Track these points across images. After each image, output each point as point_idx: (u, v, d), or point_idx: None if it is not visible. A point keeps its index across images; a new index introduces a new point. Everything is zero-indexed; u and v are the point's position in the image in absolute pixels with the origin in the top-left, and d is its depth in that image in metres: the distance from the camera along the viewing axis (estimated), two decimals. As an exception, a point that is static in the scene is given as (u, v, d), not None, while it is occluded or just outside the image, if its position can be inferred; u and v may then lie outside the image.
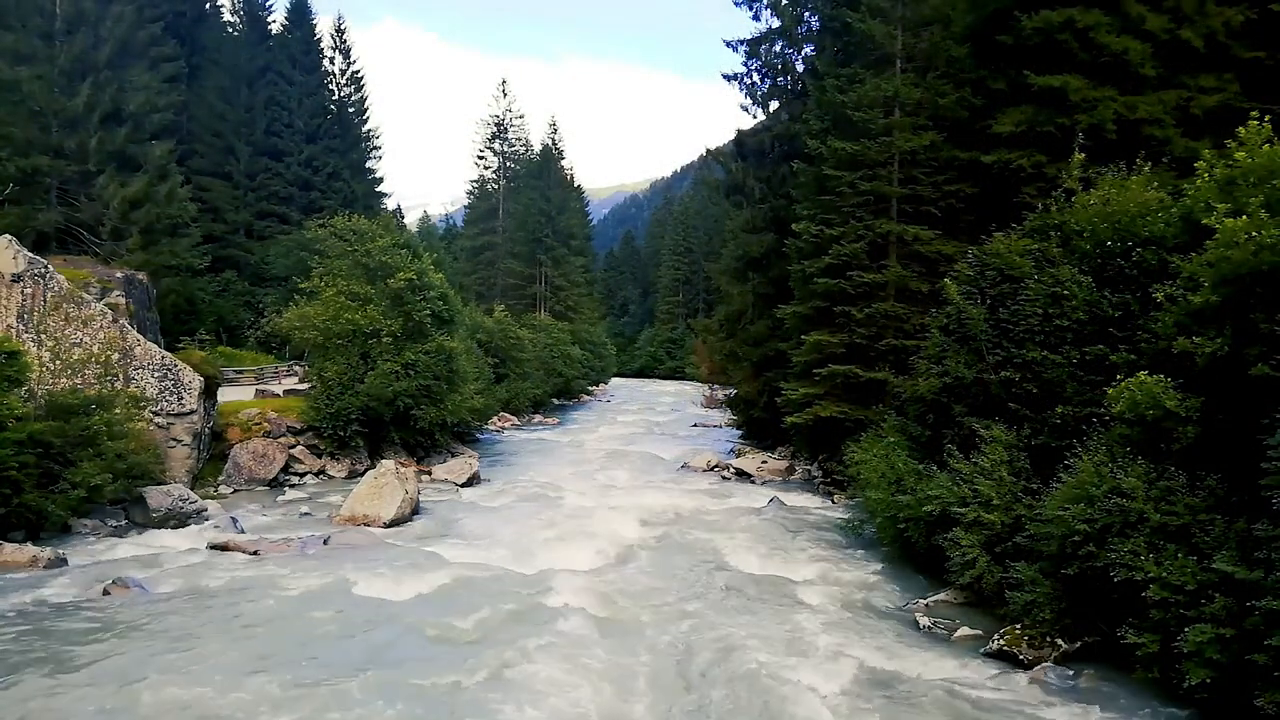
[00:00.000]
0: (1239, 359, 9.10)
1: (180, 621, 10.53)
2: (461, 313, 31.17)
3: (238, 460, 20.66)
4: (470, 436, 31.14)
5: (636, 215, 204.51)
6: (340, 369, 22.89)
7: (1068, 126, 16.47)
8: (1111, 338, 11.53)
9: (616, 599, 12.22)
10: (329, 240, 26.25)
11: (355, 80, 50.88)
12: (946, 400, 14.09)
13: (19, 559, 12.56)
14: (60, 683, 8.58)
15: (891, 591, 13.20)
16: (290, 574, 12.80)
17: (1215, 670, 8.12)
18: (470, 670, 9.35)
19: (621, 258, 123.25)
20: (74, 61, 28.58)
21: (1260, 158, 9.77)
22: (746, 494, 21.88)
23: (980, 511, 11.57)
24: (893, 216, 20.74)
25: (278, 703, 8.31)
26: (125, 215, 28.79)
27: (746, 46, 29.53)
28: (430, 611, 11.39)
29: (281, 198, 45.15)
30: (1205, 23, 16.71)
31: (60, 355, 16.77)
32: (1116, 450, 10.17)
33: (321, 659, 9.50)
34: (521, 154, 70.15)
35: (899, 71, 21.58)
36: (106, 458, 15.11)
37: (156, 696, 8.32)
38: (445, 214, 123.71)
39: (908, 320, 19.75)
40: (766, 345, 27.55)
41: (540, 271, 62.56)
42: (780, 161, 28.84)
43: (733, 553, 15.24)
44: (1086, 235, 12.63)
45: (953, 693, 9.20)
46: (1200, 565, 8.60)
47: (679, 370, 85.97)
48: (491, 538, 15.97)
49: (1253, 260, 8.93)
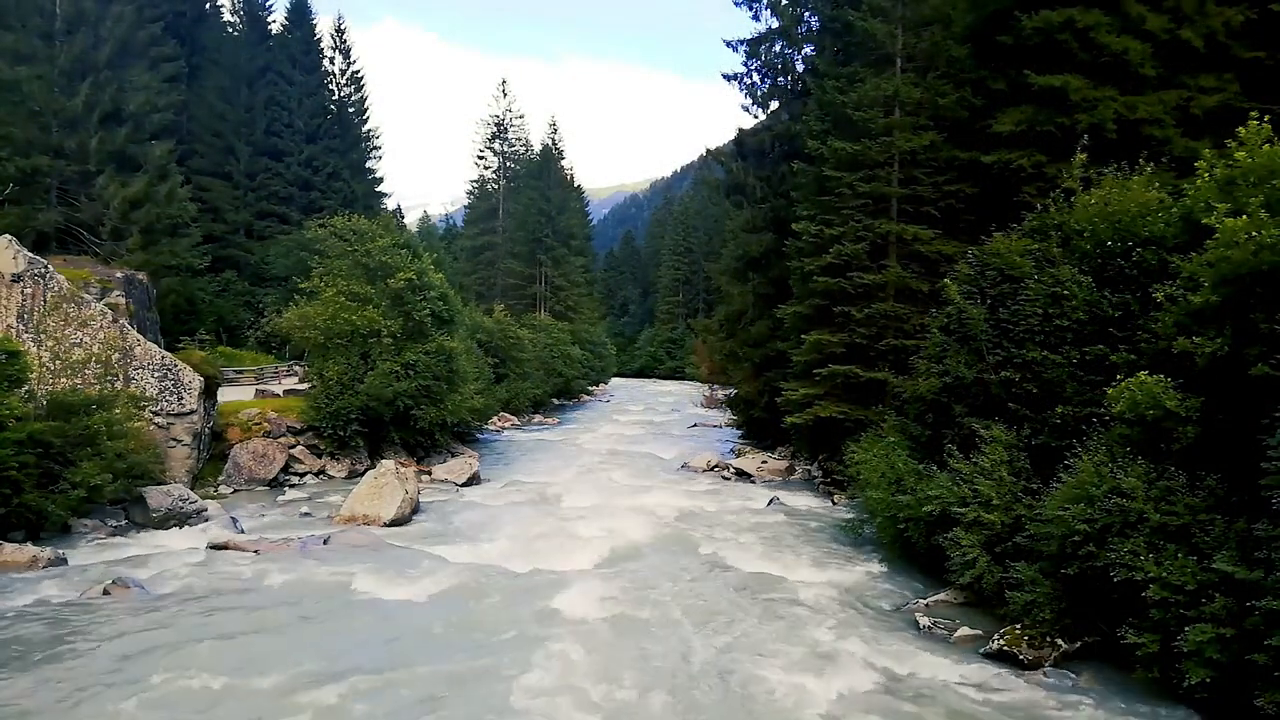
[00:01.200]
0: (1239, 359, 9.10)
1: (180, 621, 10.54)
2: (461, 313, 31.16)
3: (238, 460, 20.66)
4: (470, 436, 31.14)
5: (636, 215, 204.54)
6: (340, 369, 22.89)
7: (1068, 126, 16.46)
8: (1111, 338, 11.53)
9: (616, 599, 12.21)
10: (329, 240, 26.25)
11: (355, 80, 50.92)
12: (946, 400, 14.09)
13: (19, 559, 12.56)
14: (60, 683, 8.59)
15: (891, 591, 13.21)
16: (290, 574, 12.80)
17: (1215, 670, 8.12)
18: (470, 670, 9.36)
19: (621, 258, 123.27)
20: (74, 61, 28.58)
21: (1260, 158, 9.77)
22: (746, 494, 21.88)
23: (980, 511, 11.57)
24: (893, 216, 20.74)
25: (278, 702, 8.32)
26: (125, 215, 28.80)
27: (746, 46, 29.54)
28: (430, 611, 11.40)
29: (281, 198, 45.16)
30: (1205, 23, 16.70)
31: (60, 355, 16.75)
32: (1116, 450, 10.17)
33: (321, 659, 9.50)
34: (521, 154, 70.15)
35: (899, 71, 21.58)
36: (106, 458, 15.10)
37: (157, 696, 8.33)
38: (445, 214, 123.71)
39: (908, 320, 19.75)
40: (766, 345, 27.55)
41: (540, 271, 62.56)
42: (780, 161, 28.83)
43: (733, 553, 15.24)
44: (1087, 235, 12.62)
45: (952, 693, 9.21)
46: (1200, 565, 8.60)
47: (679, 370, 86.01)
48: (491, 537, 15.98)
49: (1253, 260, 8.93)
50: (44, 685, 8.51)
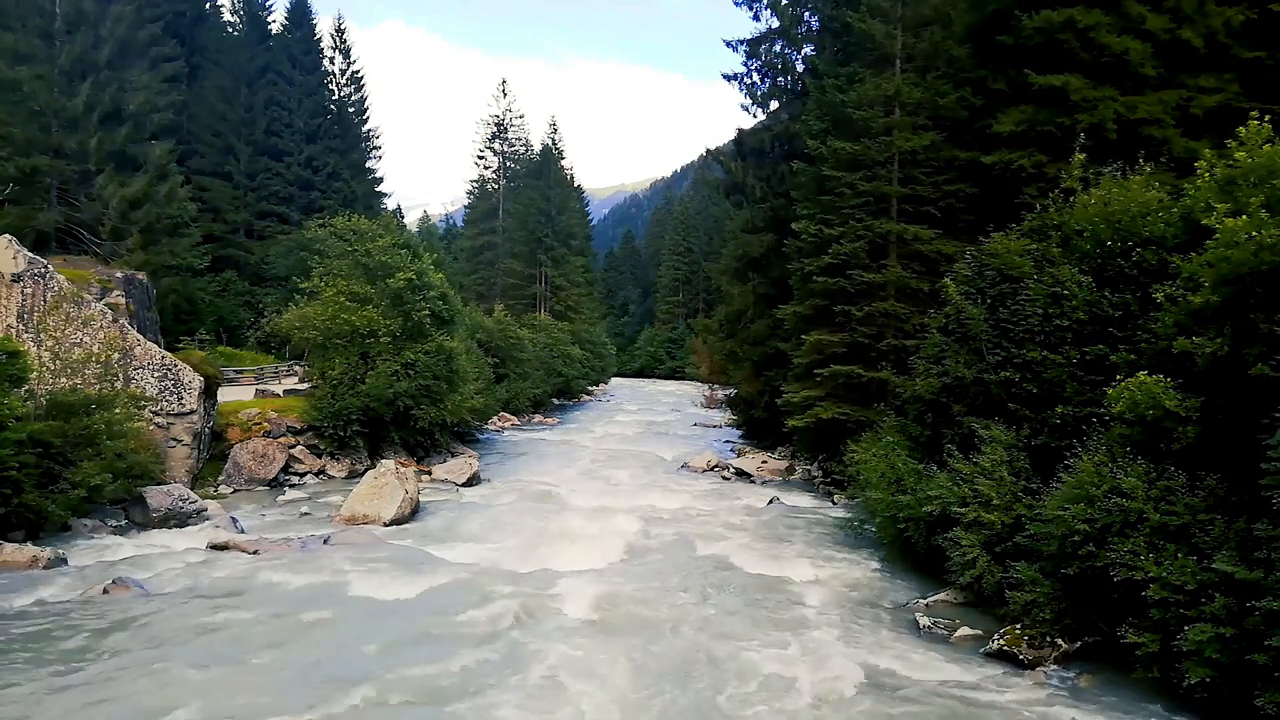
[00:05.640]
0: (1239, 359, 9.09)
1: (180, 621, 10.53)
2: (461, 312, 31.16)
3: (238, 460, 20.66)
4: (470, 436, 31.15)
5: (636, 215, 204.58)
6: (341, 369, 22.89)
7: (1068, 126, 16.47)
8: (1111, 338, 11.53)
9: (617, 599, 12.21)
10: (329, 240, 26.26)
11: (355, 80, 50.93)
12: (946, 400, 14.09)
13: (19, 559, 12.55)
14: (60, 682, 8.59)
15: (891, 591, 13.20)
16: (290, 574, 12.79)
17: (1215, 670, 8.12)
18: (470, 670, 9.35)
19: (621, 258, 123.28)
20: (74, 61, 28.59)
21: (1260, 158, 9.77)
22: (747, 494, 21.87)
23: (980, 511, 11.57)
24: (893, 216, 20.74)
25: (278, 702, 8.31)
26: (125, 215, 28.80)
27: (746, 46, 29.57)
28: (430, 611, 11.39)
29: (281, 198, 45.14)
30: (1205, 23, 16.72)
31: (60, 355, 16.75)
32: (1116, 450, 10.17)
33: (322, 658, 9.50)
34: (521, 154, 70.16)
35: (899, 71, 21.58)
36: (106, 457, 15.10)
37: (157, 696, 8.32)
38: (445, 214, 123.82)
39: (908, 320, 19.75)
40: (766, 345, 27.54)
41: (540, 271, 62.57)
42: (780, 161, 28.85)
43: (733, 553, 15.23)
44: (1086, 235, 12.62)
45: (952, 693, 9.20)
46: (1200, 565, 8.60)
47: (679, 370, 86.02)
48: (492, 537, 15.98)
49: (1253, 260, 8.93)
50: (43, 685, 8.50)
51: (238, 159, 43.95)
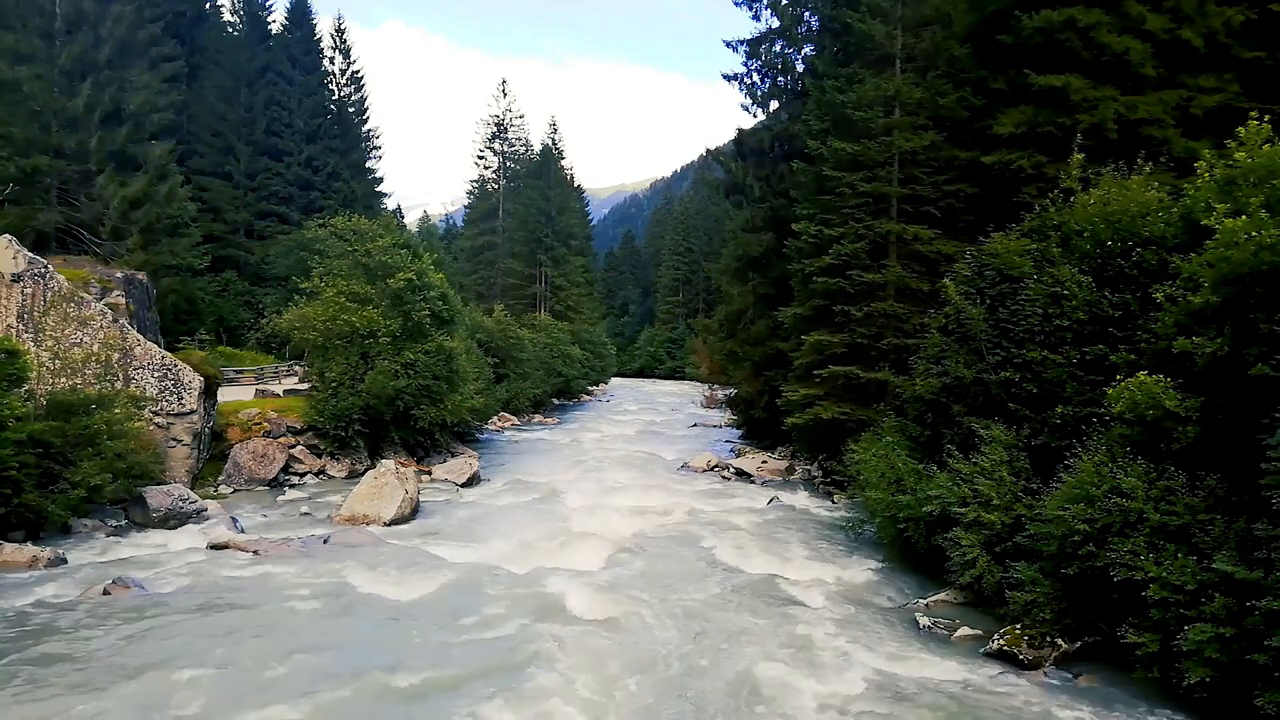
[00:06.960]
0: (1239, 359, 9.10)
1: (180, 621, 10.53)
2: (461, 312, 31.16)
3: (238, 460, 20.66)
4: (470, 436, 31.14)
5: (636, 215, 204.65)
6: (341, 369, 22.89)
7: (1068, 126, 16.48)
8: (1111, 338, 11.53)
9: (616, 599, 12.21)
10: (329, 240, 26.25)
11: (355, 80, 50.94)
12: (946, 400, 14.09)
13: (19, 559, 12.56)
14: (60, 683, 8.59)
15: (891, 591, 13.21)
16: (290, 574, 12.80)
17: (1215, 670, 8.13)
18: (470, 670, 9.35)
19: (621, 258, 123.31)
20: (74, 61, 28.55)
21: (1260, 158, 9.78)
22: (746, 494, 21.88)
23: (980, 511, 11.58)
24: (893, 216, 20.74)
25: (278, 702, 8.31)
26: (125, 215, 28.78)
27: (746, 46, 29.58)
28: (430, 611, 11.40)
29: (281, 198, 45.15)
30: (1205, 23, 16.72)
31: (60, 355, 16.75)
32: (1116, 450, 10.17)
33: (321, 658, 9.50)
34: (521, 154, 70.18)
35: (899, 71, 21.58)
36: (106, 457, 15.09)
37: (157, 696, 8.32)
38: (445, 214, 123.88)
39: (908, 320, 19.75)
40: (766, 345, 27.55)
41: (540, 271, 62.58)
42: (780, 161, 28.86)
43: (733, 553, 15.23)
44: (1086, 235, 12.63)
45: (952, 693, 9.20)
46: (1200, 565, 8.61)
47: (679, 370, 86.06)
48: (492, 537, 15.97)
49: (1253, 260, 8.93)
50: (43, 685, 8.50)
51: (238, 159, 43.96)
